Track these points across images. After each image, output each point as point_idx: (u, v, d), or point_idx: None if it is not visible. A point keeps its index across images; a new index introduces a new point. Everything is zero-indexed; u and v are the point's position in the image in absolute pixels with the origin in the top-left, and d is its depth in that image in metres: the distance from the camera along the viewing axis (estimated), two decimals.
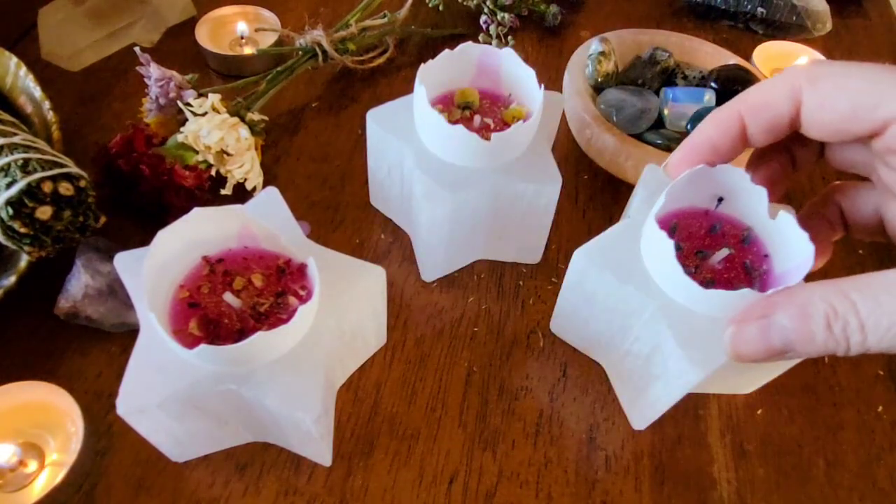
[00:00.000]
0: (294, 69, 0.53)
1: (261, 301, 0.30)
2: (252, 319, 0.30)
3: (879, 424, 0.40)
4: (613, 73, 0.51)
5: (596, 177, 0.52)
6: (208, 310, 0.30)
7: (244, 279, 0.31)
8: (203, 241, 0.30)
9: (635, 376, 0.37)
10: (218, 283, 0.31)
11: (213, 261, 0.31)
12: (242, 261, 0.31)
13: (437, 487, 0.36)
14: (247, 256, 0.31)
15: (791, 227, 0.31)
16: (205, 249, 0.31)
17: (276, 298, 0.30)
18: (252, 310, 0.30)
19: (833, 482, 0.37)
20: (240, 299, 0.30)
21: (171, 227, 0.27)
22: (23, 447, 0.34)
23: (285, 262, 0.31)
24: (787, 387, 0.41)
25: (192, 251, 0.30)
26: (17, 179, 0.35)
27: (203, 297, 0.30)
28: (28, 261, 0.38)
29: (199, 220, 0.28)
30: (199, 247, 0.30)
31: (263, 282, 0.31)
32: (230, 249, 0.31)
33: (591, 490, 0.36)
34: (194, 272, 0.31)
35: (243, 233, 0.31)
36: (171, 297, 0.30)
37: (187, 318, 0.29)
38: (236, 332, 0.30)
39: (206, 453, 0.36)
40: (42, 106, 0.45)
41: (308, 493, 0.35)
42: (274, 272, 0.31)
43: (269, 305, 0.30)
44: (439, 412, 0.39)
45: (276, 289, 0.31)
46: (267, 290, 0.31)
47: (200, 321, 0.29)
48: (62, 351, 0.39)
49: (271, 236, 0.31)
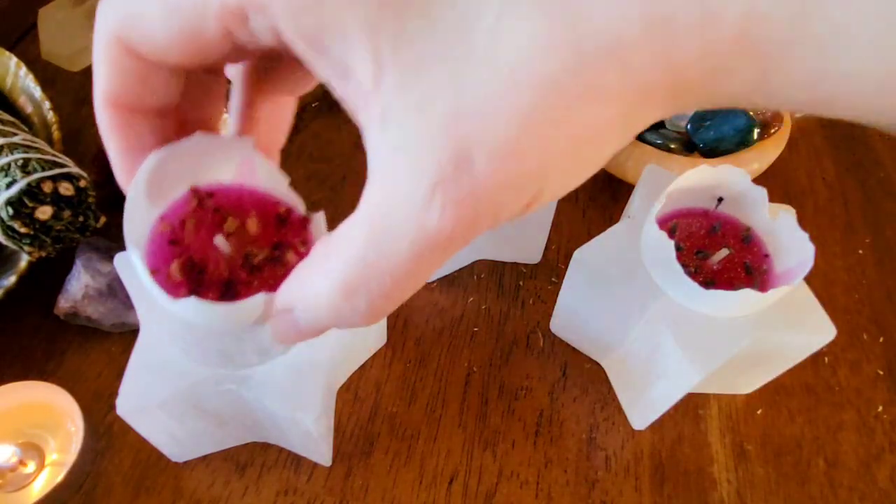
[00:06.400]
0: None
1: (254, 251, 0.26)
2: (243, 271, 0.25)
3: (879, 424, 0.40)
4: None
5: (596, 177, 0.52)
6: (192, 251, 0.25)
7: (237, 221, 0.26)
8: (193, 171, 0.25)
9: (635, 376, 0.37)
10: (206, 220, 0.26)
11: (202, 193, 0.26)
12: (237, 199, 0.26)
13: (437, 487, 0.36)
14: (242, 196, 0.26)
15: (791, 227, 0.31)
16: (194, 179, 0.25)
17: (273, 251, 0.26)
18: (244, 259, 0.25)
19: (833, 482, 0.37)
20: (230, 244, 0.26)
21: (168, 149, 0.22)
22: (23, 447, 0.34)
23: (286, 211, 0.26)
24: (787, 387, 0.41)
25: (181, 181, 0.25)
26: (17, 179, 0.35)
27: (187, 235, 0.25)
28: (28, 261, 0.38)
29: (201, 145, 0.23)
30: (188, 176, 0.25)
31: (259, 229, 0.26)
32: (224, 184, 0.26)
33: (591, 490, 0.36)
34: (179, 204, 0.25)
35: (243, 168, 0.26)
36: (150, 226, 0.25)
37: (167, 257, 0.25)
38: (223, 284, 0.25)
39: (206, 453, 0.36)
40: (42, 106, 0.45)
41: (308, 493, 0.35)
42: (272, 220, 0.26)
43: (265, 258, 0.25)
44: (439, 412, 0.39)
45: (273, 239, 0.26)
46: (262, 239, 0.26)
47: (184, 264, 0.25)
48: (62, 351, 0.39)
49: (275, 178, 0.26)
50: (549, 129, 0.14)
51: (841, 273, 0.48)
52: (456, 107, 0.14)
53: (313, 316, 0.18)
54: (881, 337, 0.44)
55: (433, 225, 0.15)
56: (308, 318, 0.19)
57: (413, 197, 0.14)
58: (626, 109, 0.14)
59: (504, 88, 0.13)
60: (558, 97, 0.13)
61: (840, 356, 0.43)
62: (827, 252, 0.49)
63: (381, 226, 0.15)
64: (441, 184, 0.14)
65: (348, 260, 0.16)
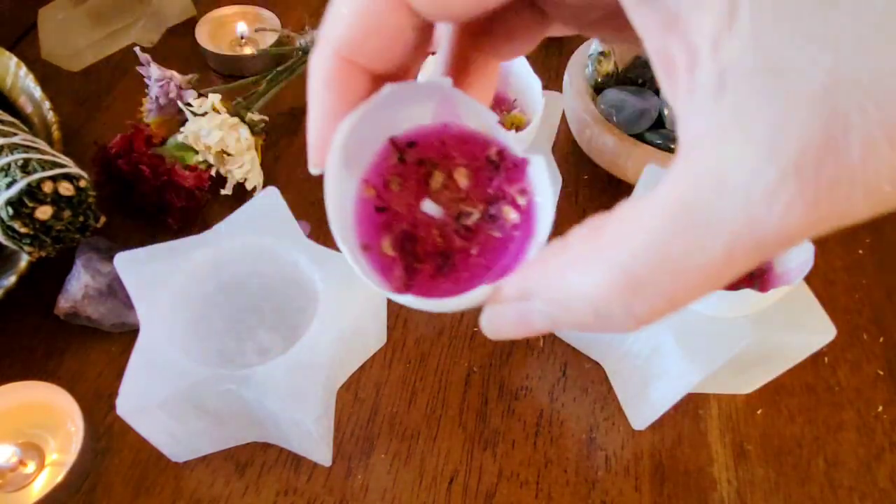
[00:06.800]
0: (294, 69, 0.53)
1: (467, 209, 0.22)
2: (457, 236, 0.22)
3: (879, 424, 0.40)
4: (613, 73, 0.51)
5: (596, 177, 0.52)
6: (401, 217, 0.22)
7: (443, 174, 0.22)
8: (387, 124, 0.22)
9: (635, 376, 0.37)
10: (411, 177, 0.22)
11: (402, 145, 0.22)
12: (440, 145, 0.22)
13: (437, 487, 0.36)
14: (445, 140, 0.22)
15: None
16: (390, 132, 0.22)
17: (488, 206, 0.22)
18: (456, 221, 0.22)
19: (833, 482, 0.37)
20: (440, 205, 0.22)
21: (360, 109, 0.19)
22: (23, 447, 0.34)
23: (498, 153, 0.22)
24: (787, 387, 0.41)
25: (376, 137, 0.22)
26: (18, 179, 0.35)
27: (393, 198, 0.22)
28: (28, 261, 0.38)
29: (393, 97, 0.20)
30: (383, 131, 0.22)
31: (470, 180, 0.22)
32: (424, 128, 0.22)
33: (591, 490, 0.36)
34: (379, 161, 0.22)
35: (442, 109, 0.22)
36: (353, 197, 0.22)
37: (377, 227, 0.22)
38: (438, 255, 0.22)
39: (206, 453, 0.36)
40: (42, 106, 0.45)
41: (308, 493, 0.35)
42: (483, 166, 0.22)
43: (480, 217, 0.22)
44: (439, 412, 0.39)
45: (487, 191, 0.22)
46: (475, 192, 0.22)
47: (397, 238, 0.22)
48: (62, 351, 0.39)
49: (482, 116, 0.22)
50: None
51: (841, 273, 0.48)
52: (836, 73, 0.11)
53: (563, 311, 0.15)
54: (881, 337, 0.44)
55: (771, 222, 0.12)
56: (555, 314, 0.16)
57: (750, 184, 0.12)
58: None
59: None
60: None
61: (840, 356, 0.43)
62: (827, 252, 0.49)
63: (694, 213, 0.13)
64: (798, 172, 0.11)
65: (638, 249, 0.13)
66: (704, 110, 0.12)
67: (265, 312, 0.38)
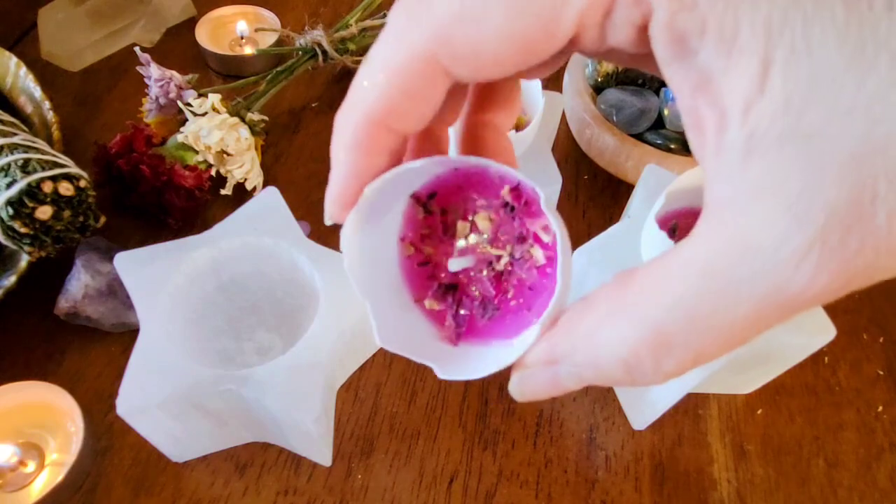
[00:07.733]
0: (294, 69, 0.53)
1: (496, 253, 0.22)
2: (491, 283, 0.22)
3: (879, 424, 0.40)
4: (613, 73, 0.51)
5: (596, 177, 0.52)
6: (441, 270, 0.22)
7: (466, 222, 0.22)
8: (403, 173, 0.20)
9: None
10: (437, 228, 0.22)
11: (424, 198, 0.22)
12: (457, 190, 0.22)
13: (437, 487, 0.36)
14: (461, 184, 0.22)
15: None
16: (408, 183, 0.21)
17: (516, 246, 0.21)
18: (489, 268, 0.22)
19: (833, 482, 0.37)
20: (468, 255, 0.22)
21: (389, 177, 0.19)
22: (23, 447, 0.34)
23: (512, 190, 0.21)
24: (787, 387, 0.41)
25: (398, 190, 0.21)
26: (18, 179, 0.35)
27: (426, 251, 0.22)
28: (28, 261, 0.38)
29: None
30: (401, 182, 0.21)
31: (492, 222, 0.22)
32: (438, 177, 0.22)
33: (591, 490, 0.36)
34: (409, 218, 0.22)
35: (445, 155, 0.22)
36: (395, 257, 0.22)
37: (424, 282, 0.22)
38: (479, 303, 0.22)
39: (206, 453, 0.36)
40: (42, 106, 0.45)
41: (308, 493, 0.35)
42: (503, 205, 0.22)
43: (509, 259, 0.22)
44: (439, 412, 0.39)
45: (512, 231, 0.22)
46: (500, 235, 0.22)
47: (438, 291, 0.22)
48: (62, 351, 0.39)
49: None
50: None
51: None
52: (864, 140, 0.11)
53: (593, 371, 0.15)
54: (881, 337, 0.44)
55: (798, 286, 0.12)
56: (584, 374, 0.16)
57: (778, 250, 0.12)
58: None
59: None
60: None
61: (840, 356, 0.43)
62: None
63: (722, 275, 0.13)
64: (825, 238, 0.11)
65: (667, 306, 0.14)
66: (733, 172, 0.12)
67: (265, 312, 0.38)
